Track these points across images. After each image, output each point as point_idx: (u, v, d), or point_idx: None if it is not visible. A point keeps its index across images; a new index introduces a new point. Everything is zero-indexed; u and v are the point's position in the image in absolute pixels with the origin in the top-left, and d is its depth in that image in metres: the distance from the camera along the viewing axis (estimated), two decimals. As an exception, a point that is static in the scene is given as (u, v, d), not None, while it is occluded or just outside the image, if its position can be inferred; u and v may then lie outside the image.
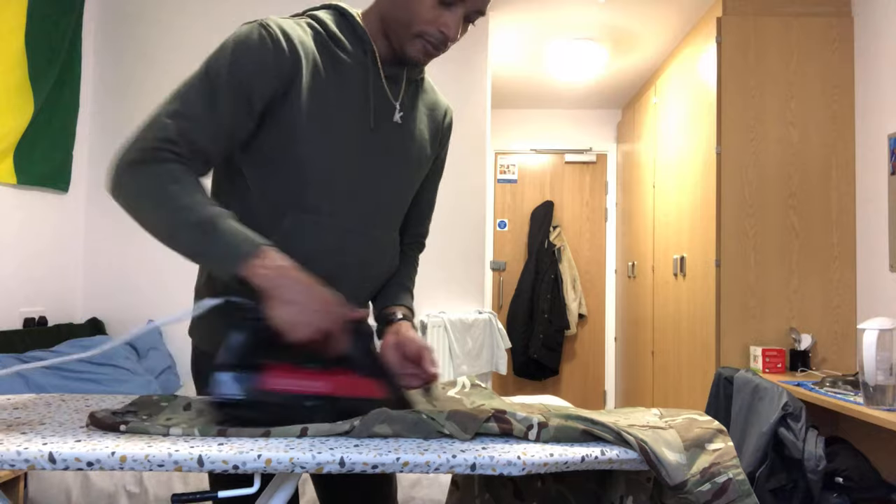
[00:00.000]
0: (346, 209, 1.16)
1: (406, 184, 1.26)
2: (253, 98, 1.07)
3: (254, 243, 0.99)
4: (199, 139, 1.04)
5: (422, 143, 1.28)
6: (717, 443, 0.96)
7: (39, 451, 0.77)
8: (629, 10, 3.70)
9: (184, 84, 1.07)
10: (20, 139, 2.95)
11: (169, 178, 1.00)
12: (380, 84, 1.19)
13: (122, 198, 1.01)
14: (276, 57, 1.08)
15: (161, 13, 3.62)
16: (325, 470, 0.79)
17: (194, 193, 1.01)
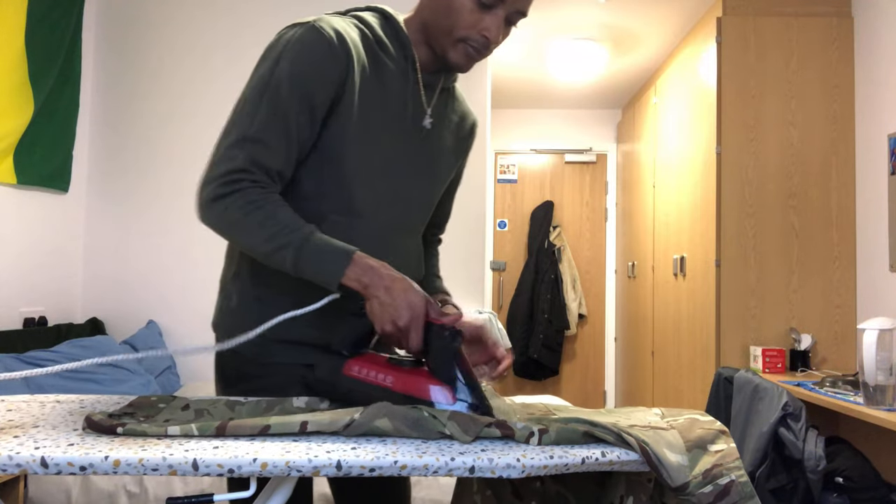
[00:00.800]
0: (382, 213, 1.18)
1: (432, 190, 1.28)
2: (315, 105, 1.09)
3: (347, 254, 1.03)
4: (270, 162, 1.06)
5: (447, 151, 1.29)
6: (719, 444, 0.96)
7: (31, 456, 0.77)
8: (629, 10, 3.69)
9: (244, 103, 1.07)
10: (20, 139, 2.95)
11: (249, 207, 1.04)
12: (417, 90, 1.19)
13: (214, 229, 1.07)
14: (333, 60, 1.08)
15: (161, 13, 3.62)
16: (321, 473, 0.79)
17: (278, 216, 1.04)
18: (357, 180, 1.14)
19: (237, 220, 1.03)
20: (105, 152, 3.58)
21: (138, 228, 3.55)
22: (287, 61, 1.06)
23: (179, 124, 3.57)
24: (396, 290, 1.01)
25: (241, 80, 3.54)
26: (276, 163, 1.07)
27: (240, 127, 1.06)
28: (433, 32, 1.15)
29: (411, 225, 1.25)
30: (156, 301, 3.53)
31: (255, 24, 3.60)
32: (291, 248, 1.02)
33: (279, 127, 1.06)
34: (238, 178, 1.04)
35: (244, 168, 1.04)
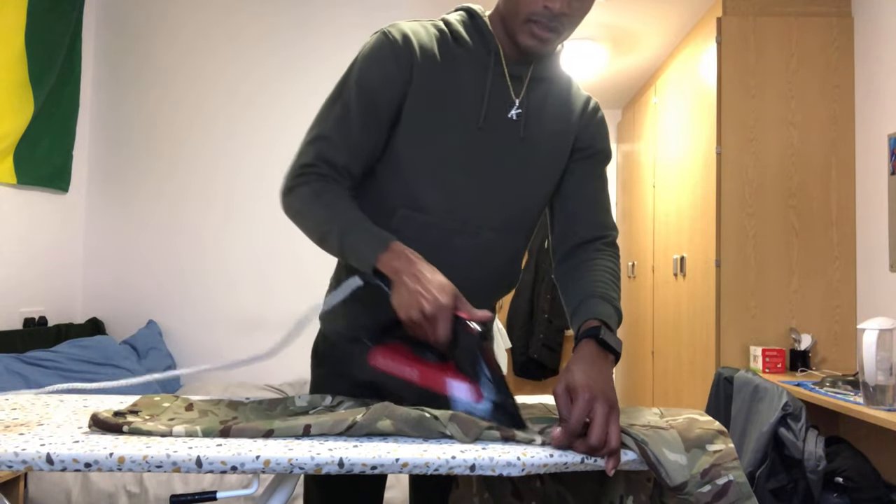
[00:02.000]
0: (453, 208, 1.16)
1: (529, 184, 1.22)
2: (380, 108, 1.14)
3: (383, 240, 1.06)
4: (336, 157, 1.13)
5: (548, 140, 1.23)
6: (717, 444, 0.96)
7: (37, 452, 0.77)
8: (629, 10, 3.70)
9: (323, 107, 1.17)
10: (20, 139, 2.95)
11: (312, 196, 1.12)
12: (500, 82, 1.19)
13: (290, 219, 1.15)
14: (397, 63, 1.13)
15: (161, 13, 3.62)
16: (323, 470, 0.79)
17: (334, 205, 1.11)
18: (424, 175, 1.15)
19: (301, 209, 1.12)
20: (105, 152, 3.58)
21: (138, 228, 3.55)
22: (358, 66, 1.15)
23: (179, 124, 3.57)
24: (425, 277, 1.00)
25: (241, 80, 3.54)
26: (341, 158, 1.13)
27: (315, 127, 1.16)
28: (507, 22, 1.16)
29: (499, 223, 1.20)
30: (156, 301, 3.53)
31: (255, 24, 3.60)
32: (337, 232, 1.08)
33: (345, 126, 1.13)
34: (306, 171, 1.13)
35: (312, 163, 1.13)
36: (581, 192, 1.28)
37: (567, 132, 1.26)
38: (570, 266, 1.25)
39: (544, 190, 1.25)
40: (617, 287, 1.19)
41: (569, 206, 1.28)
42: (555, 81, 1.26)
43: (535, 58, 1.20)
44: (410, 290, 0.99)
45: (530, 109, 1.21)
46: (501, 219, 1.20)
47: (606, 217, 1.30)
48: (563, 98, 1.27)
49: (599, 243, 1.27)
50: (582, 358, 0.99)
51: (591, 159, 1.28)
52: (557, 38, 1.14)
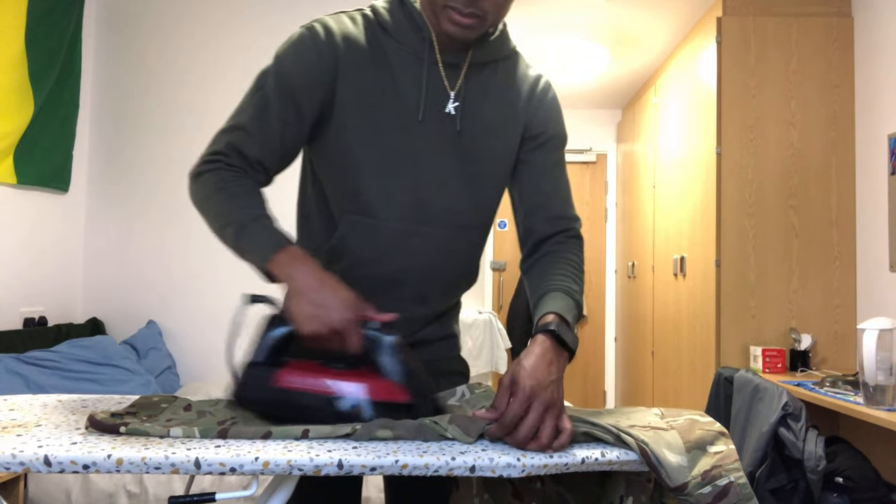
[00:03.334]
0: (401, 210, 1.11)
1: (475, 179, 1.16)
2: (300, 102, 1.09)
3: (278, 242, 1.00)
4: (248, 148, 1.08)
5: (493, 129, 1.17)
6: (718, 445, 0.96)
7: (35, 454, 0.77)
8: (629, 10, 3.70)
9: (243, 98, 1.13)
10: (20, 139, 2.95)
11: (215, 186, 1.06)
12: (434, 72, 1.12)
13: (194, 205, 1.10)
14: (319, 57, 1.08)
15: (161, 13, 3.62)
16: (322, 472, 0.79)
17: (237, 198, 1.05)
18: (367, 177, 1.10)
19: (204, 197, 1.06)
20: (105, 152, 3.58)
21: (138, 228, 3.55)
22: (278, 59, 1.10)
23: (179, 124, 3.57)
24: (327, 289, 0.95)
25: (241, 80, 3.54)
26: (254, 150, 1.08)
27: (231, 119, 1.11)
28: (427, 9, 1.10)
29: (450, 220, 1.16)
30: (156, 301, 3.53)
31: (255, 24, 3.60)
32: (235, 225, 1.02)
33: (261, 118, 1.09)
34: (216, 159, 1.08)
35: (223, 151, 1.08)
36: (540, 184, 1.22)
37: (514, 120, 1.20)
38: (534, 261, 1.23)
39: (495, 183, 1.20)
40: (579, 279, 1.17)
41: (530, 202, 1.23)
42: (500, 64, 1.20)
43: (470, 43, 1.13)
44: (312, 304, 0.94)
45: (469, 100, 1.15)
46: (453, 216, 1.16)
47: (567, 209, 1.24)
48: (509, 82, 1.20)
49: (562, 236, 1.23)
50: (532, 353, 0.98)
51: (546, 146, 1.23)
52: (482, 23, 1.06)
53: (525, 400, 0.90)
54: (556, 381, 0.96)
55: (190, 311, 3.53)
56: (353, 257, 1.11)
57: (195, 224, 3.56)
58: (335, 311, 0.93)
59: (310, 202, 1.19)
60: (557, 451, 0.89)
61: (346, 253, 1.11)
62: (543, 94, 1.24)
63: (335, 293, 0.95)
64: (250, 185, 1.08)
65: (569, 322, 1.06)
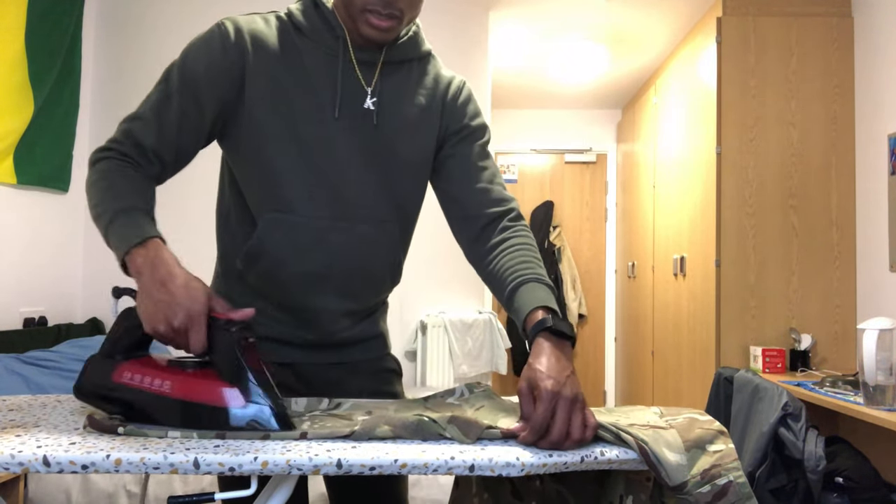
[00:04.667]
0: (320, 205, 1.12)
1: (395, 174, 1.18)
2: (200, 95, 1.09)
3: (140, 234, 0.97)
4: (143, 138, 1.08)
5: (410, 126, 1.19)
6: (718, 444, 0.96)
7: (34, 454, 0.77)
8: (629, 10, 3.70)
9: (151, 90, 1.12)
10: (20, 139, 2.95)
11: (101, 175, 1.06)
12: (349, 70, 1.14)
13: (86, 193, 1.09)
14: (223, 54, 1.09)
15: (161, 13, 3.62)
16: (322, 472, 0.79)
17: (116, 188, 1.03)
18: (285, 174, 1.11)
19: (91, 183, 1.06)
20: (105, 152, 3.58)
21: (138, 228, 3.55)
22: (184, 53, 1.11)
23: (180, 124, 3.57)
24: (172, 287, 0.92)
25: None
26: (149, 139, 1.08)
27: (138, 108, 1.11)
28: (343, 10, 1.12)
29: (371, 216, 1.17)
30: (156, 301, 3.53)
31: (256, 25, 3.60)
32: (107, 215, 1.00)
33: (161, 109, 1.09)
34: (110, 146, 1.08)
35: (118, 139, 1.09)
36: (470, 173, 1.23)
37: (430, 118, 1.21)
38: (485, 249, 1.19)
39: (414, 179, 1.21)
40: (541, 263, 1.15)
41: (463, 190, 1.23)
42: (415, 64, 1.22)
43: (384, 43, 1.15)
44: (155, 300, 0.92)
45: (385, 96, 1.17)
46: (373, 212, 1.17)
47: (502, 191, 1.24)
48: (424, 81, 1.22)
49: (506, 220, 1.21)
50: (541, 353, 0.96)
51: (469, 138, 1.25)
52: (399, 23, 1.09)
53: (550, 401, 0.89)
54: (572, 375, 0.95)
55: (190, 312, 3.53)
56: (274, 255, 1.12)
57: (195, 224, 3.56)
58: (178, 308, 0.91)
59: (228, 203, 1.19)
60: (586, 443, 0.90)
61: (267, 251, 1.12)
62: (459, 93, 1.26)
63: (179, 290, 0.92)
64: (136, 177, 1.06)
65: (557, 312, 1.04)
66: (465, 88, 1.28)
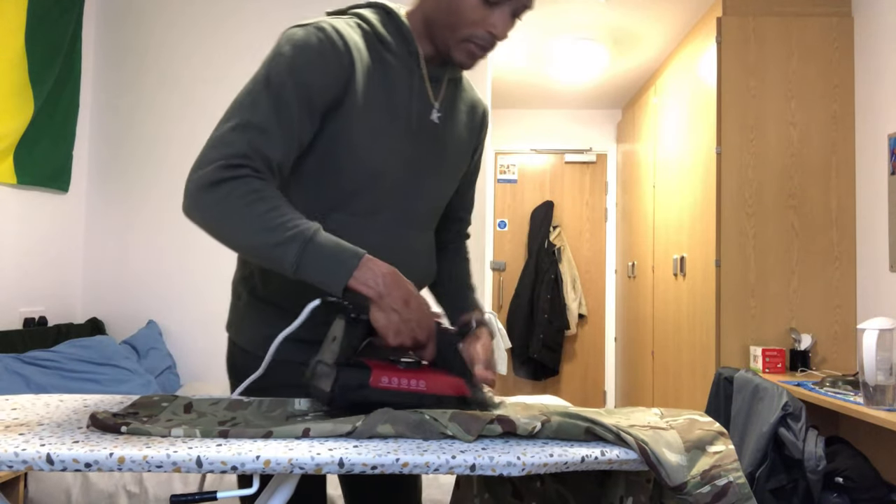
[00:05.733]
0: (387, 211, 1.16)
1: (444, 184, 1.26)
2: (316, 104, 1.07)
3: (356, 254, 0.99)
4: (271, 152, 1.02)
5: (459, 142, 1.27)
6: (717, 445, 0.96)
7: (37, 453, 0.77)
8: (629, 10, 3.70)
9: (246, 93, 1.04)
10: (20, 139, 2.95)
11: (253, 196, 0.98)
12: (422, 85, 1.18)
13: (203, 220, 0.99)
14: (336, 62, 1.07)
15: (161, 13, 3.62)
16: (323, 471, 0.79)
17: (282, 208, 0.99)
18: (360, 178, 1.12)
19: (237, 209, 0.97)
20: (105, 152, 3.58)
21: (138, 228, 3.55)
22: (291, 59, 1.05)
23: (179, 124, 3.57)
24: (414, 305, 1.00)
25: (241, 80, 3.54)
26: (277, 154, 1.03)
27: (240, 115, 1.02)
28: (436, 29, 1.14)
29: (420, 222, 1.23)
30: (156, 301, 3.53)
31: (256, 25, 3.60)
32: (296, 243, 0.96)
33: (280, 120, 1.03)
34: (239, 163, 0.99)
35: (245, 154, 0.99)
36: (467, 193, 1.39)
37: (471, 135, 1.31)
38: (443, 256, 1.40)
39: (451, 188, 1.30)
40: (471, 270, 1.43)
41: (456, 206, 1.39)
42: (460, 83, 1.29)
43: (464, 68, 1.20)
44: (404, 319, 0.99)
45: (447, 112, 1.23)
46: (422, 218, 1.23)
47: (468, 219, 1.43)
48: (470, 100, 1.31)
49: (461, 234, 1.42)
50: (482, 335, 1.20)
51: (477, 159, 1.38)
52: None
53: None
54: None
55: (190, 311, 3.53)
56: None
57: (195, 224, 3.56)
58: (422, 325, 1.01)
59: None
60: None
61: None
62: (485, 115, 1.36)
63: (420, 307, 1.01)
64: (280, 194, 1.02)
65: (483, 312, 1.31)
66: (489, 115, 1.42)
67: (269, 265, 0.99)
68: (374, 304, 0.98)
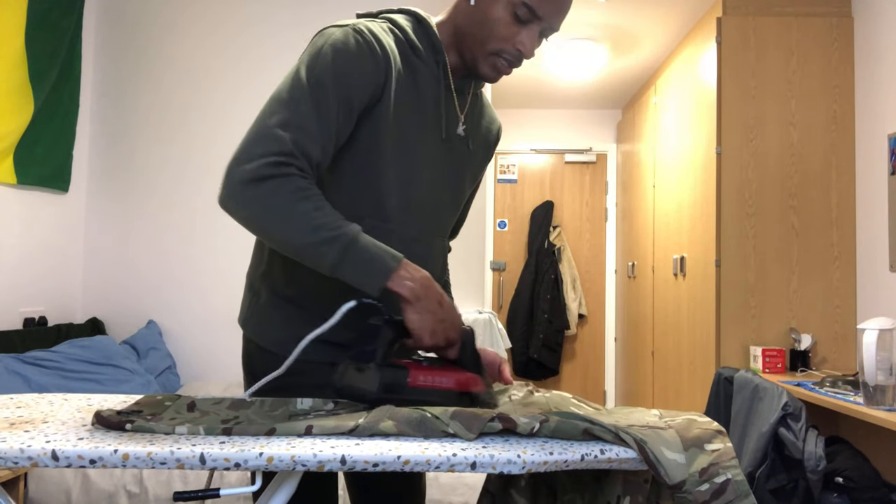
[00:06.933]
0: (414, 218, 1.18)
1: (464, 195, 1.29)
2: (353, 105, 1.08)
3: (395, 257, 1.02)
4: (313, 151, 1.03)
5: (477, 156, 1.30)
6: (715, 443, 0.97)
7: (42, 449, 0.77)
8: (629, 10, 3.70)
9: (286, 91, 1.05)
10: (20, 139, 2.95)
11: (298, 194, 0.99)
12: (448, 96, 1.20)
13: (243, 214, 1.00)
14: (373, 64, 1.09)
15: (161, 13, 3.62)
16: (326, 468, 0.80)
17: (325, 209, 1.01)
18: (390, 184, 1.14)
19: (284, 205, 0.98)
20: (105, 152, 3.58)
21: (138, 228, 3.56)
22: (331, 60, 1.06)
23: (179, 124, 3.57)
24: (447, 307, 1.05)
25: (242, 81, 3.54)
26: (317, 153, 1.04)
27: (283, 112, 1.02)
28: (466, 41, 1.16)
29: (440, 230, 1.26)
30: (156, 301, 3.54)
31: (256, 25, 3.60)
32: (339, 243, 0.99)
33: (321, 120, 1.04)
34: (287, 161, 1.00)
35: (292, 152, 1.01)
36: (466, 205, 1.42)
37: (488, 149, 1.34)
38: None
39: (465, 199, 1.34)
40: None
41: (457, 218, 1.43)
42: (481, 96, 1.31)
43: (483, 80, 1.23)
44: (439, 319, 1.03)
45: (471, 124, 1.26)
46: (444, 225, 1.27)
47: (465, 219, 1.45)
48: (489, 116, 1.34)
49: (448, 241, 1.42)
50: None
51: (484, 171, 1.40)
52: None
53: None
54: None
55: (190, 311, 3.53)
56: None
57: (195, 223, 3.56)
58: (454, 327, 1.06)
59: None
60: None
61: None
62: (499, 133, 1.38)
63: (451, 310, 1.06)
64: (322, 194, 1.04)
65: None
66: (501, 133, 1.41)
67: (307, 261, 1.01)
68: (409, 306, 1.02)
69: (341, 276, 1.01)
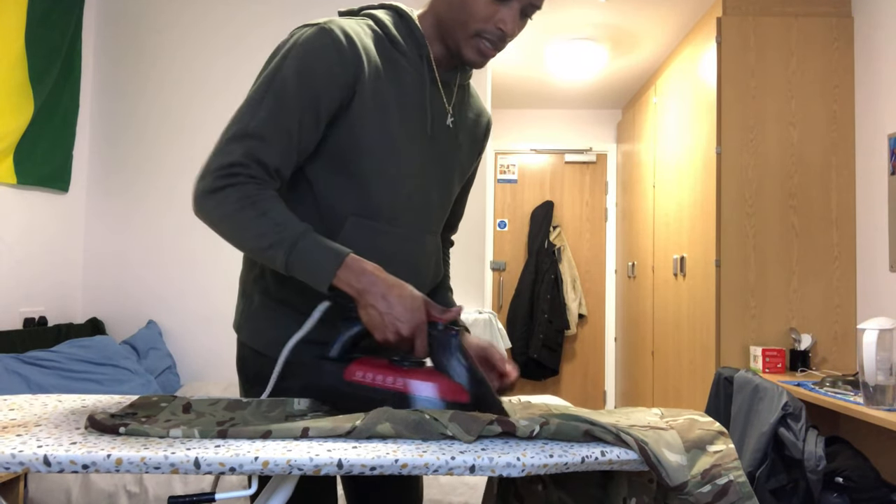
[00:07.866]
0: (403, 214, 1.17)
1: (451, 190, 1.27)
2: (321, 108, 1.07)
3: (338, 255, 1.02)
4: (268, 157, 1.05)
5: (467, 148, 1.29)
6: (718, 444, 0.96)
7: (34, 454, 0.77)
8: (629, 10, 3.70)
9: (249, 99, 1.06)
10: (20, 139, 2.95)
11: (244, 202, 1.02)
12: (435, 89, 1.19)
13: (207, 224, 1.06)
14: (341, 64, 1.07)
15: (161, 13, 3.62)
16: (322, 472, 0.79)
17: (271, 213, 1.03)
18: (375, 181, 1.13)
19: (230, 214, 1.02)
20: (105, 152, 3.58)
21: (138, 228, 3.55)
22: (295, 60, 1.06)
23: (179, 124, 3.57)
24: (394, 297, 1.00)
25: (241, 81, 3.54)
26: (274, 159, 1.05)
27: (240, 123, 1.05)
28: (447, 27, 1.14)
29: (432, 226, 1.24)
30: (156, 301, 3.53)
31: (257, 25, 3.60)
32: (283, 246, 1.01)
33: (280, 124, 1.05)
34: (235, 171, 1.03)
35: (241, 162, 1.03)
36: (460, 202, 1.40)
37: (477, 142, 1.33)
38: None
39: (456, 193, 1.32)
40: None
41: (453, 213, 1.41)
42: (468, 89, 1.30)
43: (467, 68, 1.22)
44: (383, 313, 1.00)
45: (457, 117, 1.24)
46: (437, 221, 1.25)
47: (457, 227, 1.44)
48: (477, 108, 1.32)
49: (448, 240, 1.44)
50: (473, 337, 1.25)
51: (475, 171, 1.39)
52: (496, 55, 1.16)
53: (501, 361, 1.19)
54: None
55: (190, 311, 3.53)
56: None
57: (195, 223, 3.56)
58: (405, 320, 1.00)
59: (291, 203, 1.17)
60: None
61: None
62: (489, 125, 1.37)
63: (403, 301, 1.00)
64: (277, 198, 1.05)
65: None
66: (491, 127, 1.40)
67: (267, 265, 1.05)
68: (357, 303, 1.02)
69: (295, 277, 1.04)
